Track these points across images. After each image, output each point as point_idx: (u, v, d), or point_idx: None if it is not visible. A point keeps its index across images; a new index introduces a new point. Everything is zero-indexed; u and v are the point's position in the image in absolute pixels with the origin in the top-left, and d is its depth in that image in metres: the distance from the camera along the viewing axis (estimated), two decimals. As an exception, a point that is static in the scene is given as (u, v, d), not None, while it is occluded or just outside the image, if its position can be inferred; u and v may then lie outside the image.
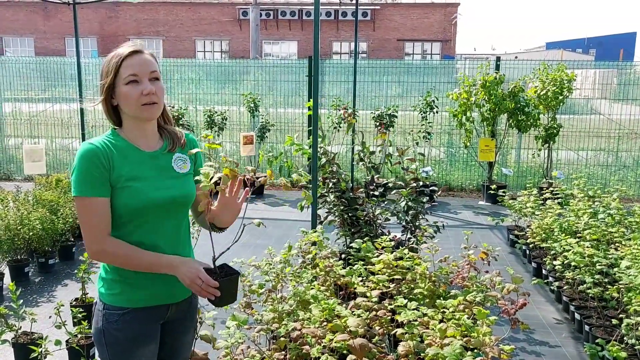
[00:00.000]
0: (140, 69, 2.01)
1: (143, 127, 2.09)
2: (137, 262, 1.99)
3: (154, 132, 2.14)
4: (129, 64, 2.00)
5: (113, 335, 2.04)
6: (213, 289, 1.95)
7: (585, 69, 10.96)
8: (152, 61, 2.06)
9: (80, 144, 2.04)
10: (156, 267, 2.00)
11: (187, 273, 1.96)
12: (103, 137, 2.05)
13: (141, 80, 2.01)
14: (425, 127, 9.57)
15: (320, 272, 3.72)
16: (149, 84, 2.01)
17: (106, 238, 1.98)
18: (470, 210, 8.79)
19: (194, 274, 1.96)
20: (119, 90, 2.01)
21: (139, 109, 2.02)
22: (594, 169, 10.09)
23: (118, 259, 2.00)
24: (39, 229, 5.53)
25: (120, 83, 2.00)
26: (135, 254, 1.99)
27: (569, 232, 5.20)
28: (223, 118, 9.99)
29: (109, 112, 2.09)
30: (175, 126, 2.24)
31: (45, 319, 4.34)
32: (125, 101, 2.02)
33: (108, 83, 2.02)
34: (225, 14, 34.64)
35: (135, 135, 2.08)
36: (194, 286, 1.96)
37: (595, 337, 4.00)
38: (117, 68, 2.00)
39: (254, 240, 6.89)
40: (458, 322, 2.79)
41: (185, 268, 1.98)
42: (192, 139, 2.25)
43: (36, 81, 11.32)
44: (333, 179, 5.13)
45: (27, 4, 34.42)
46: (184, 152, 2.18)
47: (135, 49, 2.03)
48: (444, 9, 33.92)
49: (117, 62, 2.00)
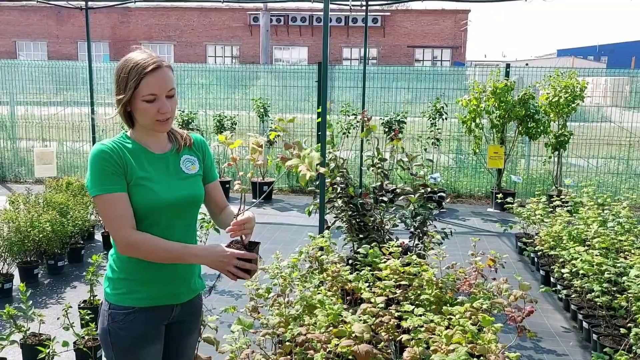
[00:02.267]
0: (160, 89, 2.01)
1: (154, 132, 2.12)
2: (164, 252, 2.01)
3: (163, 135, 2.17)
4: (150, 83, 1.99)
5: (118, 335, 2.07)
6: (250, 264, 1.98)
7: (597, 77, 10.91)
8: (171, 78, 2.06)
9: (92, 147, 2.06)
10: (183, 256, 2.03)
11: (221, 257, 1.98)
12: (114, 140, 2.08)
13: (159, 98, 2.02)
14: (434, 134, 9.56)
15: (328, 277, 3.72)
16: (166, 102, 2.03)
17: (132, 231, 2.00)
18: (479, 217, 8.75)
19: (229, 256, 1.98)
20: (136, 103, 2.02)
21: (154, 123, 2.05)
22: (604, 176, 10.03)
23: (146, 250, 2.00)
24: (49, 231, 5.57)
25: (139, 98, 2.00)
26: (163, 245, 2.01)
27: (577, 240, 5.17)
28: (233, 123, 10.03)
29: (124, 116, 2.09)
30: (185, 129, 2.27)
31: (53, 320, 4.37)
32: (142, 116, 2.04)
33: (127, 98, 2.01)
34: (236, 20, 34.81)
35: (146, 138, 2.12)
36: (231, 268, 1.97)
37: (604, 346, 3.97)
38: (137, 84, 1.98)
39: (262, 245, 6.89)
40: (464, 329, 2.78)
41: (217, 253, 1.99)
42: (200, 139, 2.28)
43: (48, 85, 11.42)
44: (341, 185, 5.13)
45: (40, 9, 34.71)
46: (192, 153, 2.21)
47: (155, 65, 2.00)
48: (455, 15, 33.89)
49: (137, 77, 1.98)
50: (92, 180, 1.99)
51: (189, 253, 2.04)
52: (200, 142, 2.27)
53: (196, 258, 2.03)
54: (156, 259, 2.03)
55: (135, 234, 2.00)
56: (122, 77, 2.01)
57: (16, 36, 35.47)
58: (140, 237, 2.00)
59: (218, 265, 1.99)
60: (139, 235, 2.00)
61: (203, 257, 2.02)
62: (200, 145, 2.26)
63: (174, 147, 2.17)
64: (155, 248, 2.00)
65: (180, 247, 2.04)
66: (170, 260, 2.04)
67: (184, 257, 2.04)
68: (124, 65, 2.02)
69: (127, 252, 2.02)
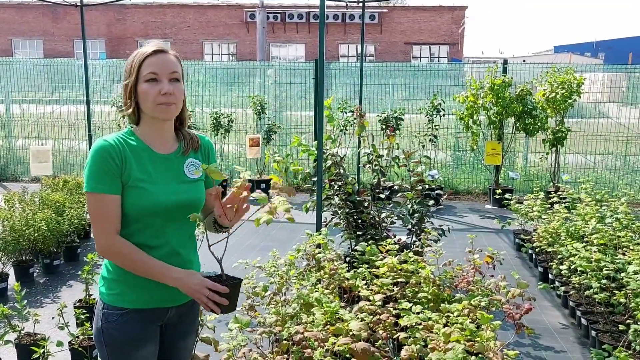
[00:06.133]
0: (161, 68, 2.00)
1: (160, 128, 2.08)
2: (140, 266, 1.99)
3: (170, 134, 2.13)
4: (151, 63, 2.00)
5: (111, 335, 2.04)
6: (220, 297, 1.94)
7: (594, 73, 10.90)
8: (175, 62, 2.05)
9: (92, 143, 2.03)
10: (159, 276, 2.00)
11: (193, 285, 1.96)
12: (118, 135, 2.04)
13: (161, 79, 2.00)
14: (431, 130, 9.55)
15: (325, 274, 3.70)
16: (168, 84, 2.00)
17: (114, 236, 1.97)
18: (476, 213, 8.74)
19: (200, 285, 1.96)
20: (139, 87, 2.01)
21: (155, 108, 2.01)
22: (602, 172, 10.03)
23: (123, 259, 1.99)
24: (44, 229, 5.53)
25: (141, 80, 2.00)
26: (141, 259, 1.98)
27: (575, 237, 5.16)
28: (229, 120, 10.00)
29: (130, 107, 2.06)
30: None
31: (49, 320, 4.34)
32: (143, 99, 2.01)
33: (131, 82, 2.01)
34: (233, 17, 34.72)
35: (151, 136, 2.07)
36: (201, 297, 1.95)
37: (602, 342, 3.96)
38: (139, 66, 2.00)
39: (259, 243, 6.88)
40: (462, 327, 2.76)
41: (190, 280, 1.97)
42: (207, 141, 2.24)
43: (44, 83, 11.37)
44: (339, 182, 5.11)
45: (36, 7, 34.64)
46: (197, 156, 2.17)
47: (158, 48, 2.03)
48: (452, 12, 33.87)
49: (139, 60, 2.00)
50: (87, 176, 1.97)
51: (169, 275, 2.00)
52: (206, 144, 2.22)
53: (173, 281, 1.99)
54: (133, 272, 2.00)
55: (119, 240, 1.98)
56: (128, 63, 2.04)
57: (12, 34, 35.36)
58: (119, 247, 1.98)
59: (191, 292, 1.97)
60: (124, 245, 1.98)
61: (179, 281, 1.98)
62: (206, 149, 2.21)
63: (180, 148, 2.13)
64: (131, 261, 1.98)
65: (160, 266, 2.00)
66: (148, 277, 2.01)
67: (163, 279, 2.00)
68: (132, 56, 2.06)
69: (105, 256, 2.02)
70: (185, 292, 1.99)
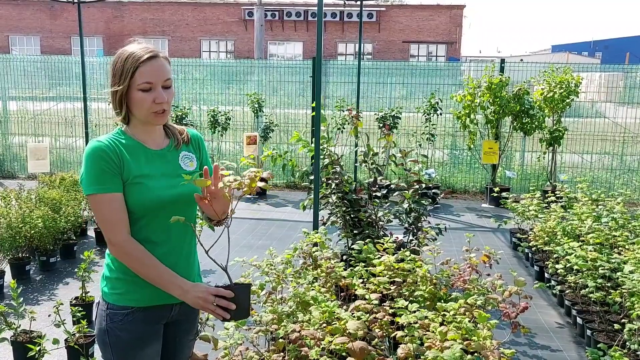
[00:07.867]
0: (156, 77, 1.98)
1: (150, 127, 2.08)
2: (152, 270, 1.97)
3: (160, 131, 2.13)
4: (145, 71, 1.96)
5: (117, 335, 2.03)
6: (226, 301, 1.92)
7: (591, 72, 10.92)
8: (167, 68, 2.03)
9: (88, 143, 2.01)
10: (167, 284, 1.98)
11: (199, 294, 1.94)
12: (110, 136, 2.03)
13: (155, 88, 1.98)
14: (429, 129, 9.55)
15: (322, 273, 3.71)
16: (162, 92, 1.99)
17: (126, 234, 1.96)
18: (473, 212, 8.75)
19: (205, 292, 1.94)
20: (132, 94, 1.98)
21: (150, 115, 2.00)
22: (598, 172, 10.04)
23: (136, 261, 1.97)
24: (41, 227, 5.53)
25: (134, 88, 1.97)
26: (153, 263, 1.97)
27: (572, 236, 5.17)
28: (227, 118, 9.98)
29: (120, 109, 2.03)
30: (178, 124, 2.23)
31: (45, 317, 4.34)
32: (137, 107, 1.99)
33: (123, 90, 1.97)
34: (231, 15, 34.68)
35: (142, 134, 2.07)
36: (207, 305, 1.93)
37: (598, 341, 3.97)
38: (132, 73, 1.95)
39: (256, 241, 6.88)
40: (458, 325, 2.76)
41: (195, 291, 1.96)
42: (196, 134, 2.24)
43: (41, 80, 11.33)
44: (336, 180, 5.11)
45: (33, 3, 34.56)
46: (189, 149, 2.17)
47: (152, 54, 1.98)
48: (450, 10, 33.89)
49: (132, 66, 1.95)
50: (87, 178, 1.94)
51: (177, 284, 1.98)
52: (196, 137, 2.23)
53: (179, 290, 1.97)
54: (142, 275, 1.98)
55: (131, 242, 1.96)
56: (118, 67, 1.98)
57: (9, 31, 35.25)
58: (136, 250, 1.96)
59: (197, 304, 1.96)
60: (136, 247, 1.96)
61: (186, 293, 1.96)
62: (196, 141, 2.22)
63: (172, 142, 2.13)
64: (140, 263, 1.97)
65: (170, 274, 1.98)
66: (155, 282, 1.99)
67: (170, 287, 1.98)
68: (119, 57, 1.99)
69: (118, 256, 1.99)
70: (191, 305, 1.98)
